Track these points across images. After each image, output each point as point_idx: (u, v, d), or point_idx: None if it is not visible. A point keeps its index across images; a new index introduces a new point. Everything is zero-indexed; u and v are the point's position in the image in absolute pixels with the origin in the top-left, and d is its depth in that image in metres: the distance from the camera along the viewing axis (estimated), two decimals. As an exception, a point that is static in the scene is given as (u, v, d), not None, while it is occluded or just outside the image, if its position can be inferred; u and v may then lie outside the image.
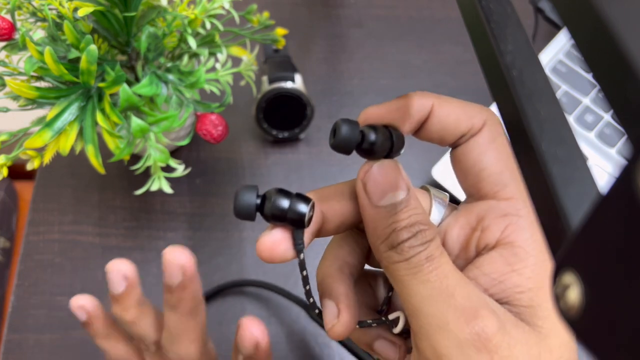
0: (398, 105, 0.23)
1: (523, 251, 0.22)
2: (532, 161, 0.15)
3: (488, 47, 0.17)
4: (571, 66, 0.51)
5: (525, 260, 0.22)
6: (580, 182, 0.14)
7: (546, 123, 0.15)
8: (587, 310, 0.12)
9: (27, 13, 0.38)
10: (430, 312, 0.20)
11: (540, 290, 0.22)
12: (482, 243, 0.23)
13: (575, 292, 0.12)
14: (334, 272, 0.24)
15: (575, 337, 0.12)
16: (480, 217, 0.23)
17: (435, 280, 0.21)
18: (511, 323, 0.21)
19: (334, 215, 0.23)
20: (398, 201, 0.22)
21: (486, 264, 0.22)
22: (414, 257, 0.21)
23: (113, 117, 0.36)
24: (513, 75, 0.16)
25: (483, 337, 0.20)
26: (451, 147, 0.25)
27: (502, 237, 0.22)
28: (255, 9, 0.43)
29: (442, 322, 0.20)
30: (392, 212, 0.22)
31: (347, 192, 0.24)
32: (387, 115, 0.23)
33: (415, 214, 0.22)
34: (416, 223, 0.22)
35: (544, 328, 0.21)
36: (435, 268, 0.21)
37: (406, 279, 0.21)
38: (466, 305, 0.20)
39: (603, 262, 0.11)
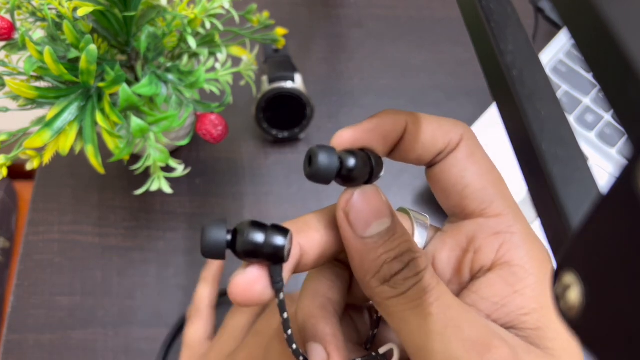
0: (371, 126, 0.21)
1: (522, 270, 0.21)
2: (533, 161, 0.15)
3: (488, 47, 0.17)
4: (571, 66, 0.51)
5: (526, 280, 0.21)
6: (581, 182, 0.14)
7: (546, 123, 0.15)
8: (587, 311, 0.12)
9: (27, 13, 0.38)
10: (438, 349, 0.18)
11: (545, 310, 0.20)
12: (476, 265, 0.22)
13: (576, 292, 0.12)
14: (317, 311, 0.22)
15: (576, 338, 0.12)
16: (470, 238, 0.22)
17: (438, 313, 0.19)
18: (523, 349, 0.19)
19: (313, 247, 0.21)
20: (384, 230, 0.20)
21: (484, 287, 0.21)
22: (410, 289, 0.19)
23: (113, 117, 0.36)
24: (513, 75, 0.16)
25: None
26: (427, 166, 0.24)
27: (498, 257, 0.21)
28: (255, 8, 0.43)
29: (453, 359, 0.18)
30: (380, 243, 0.20)
31: (326, 221, 0.22)
32: (362, 137, 0.21)
33: (404, 241, 0.20)
34: (406, 251, 0.20)
35: (555, 350, 0.20)
36: (435, 299, 0.19)
37: (405, 314, 0.19)
38: (476, 338, 0.18)
39: (603, 263, 0.11)
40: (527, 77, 0.16)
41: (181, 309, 0.45)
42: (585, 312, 0.12)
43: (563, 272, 0.13)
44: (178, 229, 0.48)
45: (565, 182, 0.14)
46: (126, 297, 0.45)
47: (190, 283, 0.46)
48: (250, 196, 0.50)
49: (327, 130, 0.54)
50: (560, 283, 0.13)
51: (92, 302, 0.45)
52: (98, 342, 0.44)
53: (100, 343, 0.44)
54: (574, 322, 0.12)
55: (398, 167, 0.52)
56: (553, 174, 0.14)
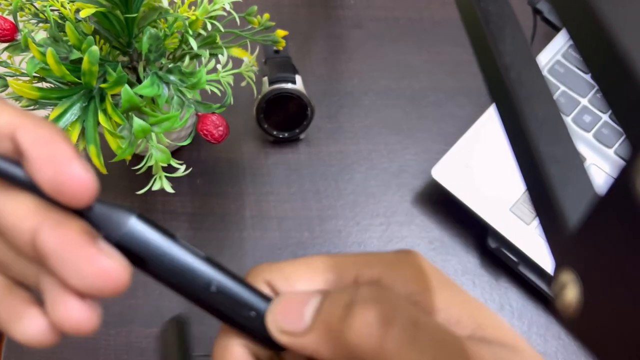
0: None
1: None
2: (530, 161, 0.15)
3: (486, 48, 0.17)
4: (569, 67, 0.52)
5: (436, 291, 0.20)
6: (577, 182, 0.14)
7: (544, 124, 0.15)
8: (584, 309, 0.12)
9: (29, 14, 0.38)
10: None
11: (476, 314, 0.20)
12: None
13: (573, 291, 0.12)
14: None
15: (572, 335, 0.13)
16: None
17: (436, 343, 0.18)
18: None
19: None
20: (318, 304, 0.20)
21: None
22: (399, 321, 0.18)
23: (115, 118, 0.36)
24: (511, 76, 0.16)
25: None
26: None
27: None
28: (256, 10, 0.44)
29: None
30: (334, 313, 0.19)
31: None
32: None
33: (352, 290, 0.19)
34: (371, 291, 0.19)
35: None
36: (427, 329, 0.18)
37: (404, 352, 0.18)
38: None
39: (601, 262, 0.11)
40: (525, 78, 0.16)
41: (182, 308, 0.46)
42: (581, 310, 0.12)
43: (561, 271, 0.13)
44: (179, 229, 0.49)
45: (562, 182, 0.14)
46: (128, 296, 0.45)
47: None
48: (250, 196, 0.50)
49: (327, 130, 0.54)
50: (557, 281, 0.13)
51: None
52: (100, 341, 0.44)
53: (102, 342, 0.44)
54: (571, 320, 0.13)
55: (397, 166, 0.52)
56: (550, 174, 0.14)
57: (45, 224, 0.17)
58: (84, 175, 0.17)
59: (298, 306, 0.20)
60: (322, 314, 0.19)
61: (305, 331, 0.19)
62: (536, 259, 0.45)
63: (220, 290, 0.20)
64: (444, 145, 0.52)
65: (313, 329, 0.19)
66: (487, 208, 0.46)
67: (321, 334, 0.19)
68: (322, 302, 0.20)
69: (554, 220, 0.14)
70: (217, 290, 0.20)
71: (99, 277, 0.17)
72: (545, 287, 0.45)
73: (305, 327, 0.19)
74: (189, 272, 0.19)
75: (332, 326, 0.19)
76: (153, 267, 0.19)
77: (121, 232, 0.18)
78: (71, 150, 0.18)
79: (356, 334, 0.18)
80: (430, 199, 0.51)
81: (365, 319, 0.18)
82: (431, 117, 0.55)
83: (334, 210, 0.50)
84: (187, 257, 0.19)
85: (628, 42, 0.10)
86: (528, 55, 0.17)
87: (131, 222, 0.19)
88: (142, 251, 0.19)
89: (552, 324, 0.47)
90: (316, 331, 0.19)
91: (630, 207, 0.10)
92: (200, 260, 0.20)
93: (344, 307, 0.19)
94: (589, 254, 0.12)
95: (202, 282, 0.19)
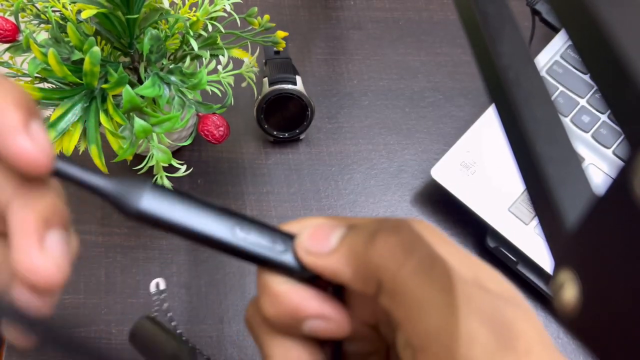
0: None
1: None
2: (529, 162, 0.15)
3: (485, 49, 0.17)
4: (568, 67, 0.52)
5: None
6: (576, 182, 0.14)
7: (542, 124, 0.15)
8: (583, 308, 0.12)
9: (31, 15, 0.38)
10: (465, 330, 0.18)
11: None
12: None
13: (572, 290, 0.12)
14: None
15: (571, 334, 0.13)
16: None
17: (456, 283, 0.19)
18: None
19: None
20: (345, 231, 0.21)
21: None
22: (418, 252, 0.19)
23: (116, 118, 0.36)
24: (510, 76, 0.16)
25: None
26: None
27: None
28: (256, 11, 0.44)
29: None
30: (359, 239, 0.20)
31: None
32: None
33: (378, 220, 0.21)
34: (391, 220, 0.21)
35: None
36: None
37: (420, 288, 0.19)
38: (498, 319, 0.18)
39: (599, 261, 0.11)
40: (523, 79, 0.16)
41: (183, 307, 0.46)
42: (580, 309, 0.12)
43: (560, 270, 0.13)
44: (179, 229, 0.49)
45: (560, 182, 0.14)
46: (129, 295, 0.46)
47: (192, 281, 0.47)
48: (250, 196, 0.51)
49: (327, 130, 0.54)
50: (556, 281, 0.13)
51: (96, 301, 0.45)
52: (102, 340, 0.44)
53: (104, 341, 0.44)
54: (570, 319, 0.13)
55: (397, 166, 0.53)
56: (549, 174, 0.14)
57: (13, 202, 0.19)
58: (29, 147, 0.18)
59: (326, 232, 0.21)
60: (348, 238, 0.20)
61: (330, 252, 0.20)
62: (535, 258, 0.45)
63: (245, 232, 0.21)
64: (443, 145, 0.52)
65: (338, 251, 0.20)
66: (486, 208, 0.46)
67: (345, 255, 0.20)
68: (348, 231, 0.21)
69: (553, 220, 0.14)
70: (241, 232, 0.20)
71: (30, 272, 0.18)
72: (544, 286, 0.46)
73: (331, 248, 0.20)
74: (211, 225, 0.20)
75: (357, 248, 0.20)
76: (176, 230, 0.20)
77: (137, 208, 0.19)
78: (17, 121, 0.18)
79: (379, 255, 0.19)
80: (430, 199, 0.51)
81: (389, 244, 0.19)
82: (430, 118, 0.55)
83: (334, 210, 0.51)
84: (207, 212, 0.20)
85: (626, 43, 0.10)
86: (526, 56, 0.17)
87: (145, 196, 0.20)
88: (162, 219, 0.20)
89: (551, 323, 0.47)
90: (341, 252, 0.20)
91: (629, 207, 0.10)
92: (219, 211, 0.21)
93: (370, 234, 0.20)
94: (587, 253, 0.12)
95: (226, 229, 0.20)
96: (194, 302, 0.46)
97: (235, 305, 0.46)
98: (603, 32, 0.11)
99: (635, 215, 0.10)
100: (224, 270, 0.47)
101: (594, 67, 0.11)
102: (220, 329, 0.45)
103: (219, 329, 0.45)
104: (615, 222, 0.11)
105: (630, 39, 0.10)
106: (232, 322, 0.45)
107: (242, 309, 0.46)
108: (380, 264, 0.19)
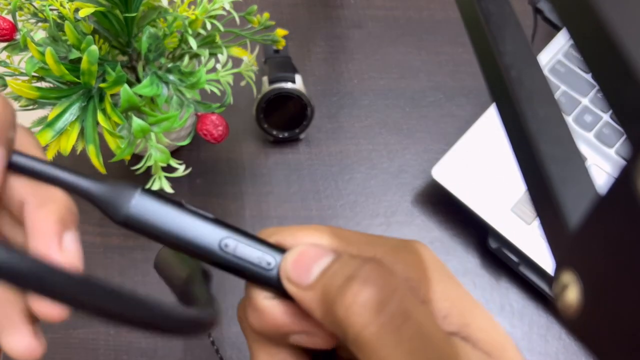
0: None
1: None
2: (531, 161, 0.15)
3: (487, 47, 0.17)
4: (570, 66, 0.52)
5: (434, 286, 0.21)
6: (578, 182, 0.14)
7: (544, 123, 0.15)
8: (585, 309, 0.12)
9: (28, 14, 0.38)
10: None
11: (462, 307, 0.21)
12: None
13: (574, 291, 0.12)
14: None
15: (573, 335, 0.13)
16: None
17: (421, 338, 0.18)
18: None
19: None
20: (328, 264, 0.20)
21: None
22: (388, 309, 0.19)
23: (114, 118, 0.36)
24: (512, 75, 0.16)
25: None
26: None
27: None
28: (256, 9, 0.44)
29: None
30: (334, 281, 0.19)
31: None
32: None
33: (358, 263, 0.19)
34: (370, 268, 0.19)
35: (484, 342, 0.21)
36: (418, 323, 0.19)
37: (384, 341, 0.18)
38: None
39: (602, 262, 0.11)
40: (526, 78, 0.16)
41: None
42: (583, 310, 0.12)
43: (562, 271, 0.13)
44: (178, 229, 0.49)
45: (562, 182, 0.14)
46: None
47: (190, 283, 0.46)
48: (250, 196, 0.50)
49: (327, 130, 0.54)
50: (558, 282, 0.13)
51: (93, 302, 0.45)
52: (100, 341, 0.44)
53: (102, 342, 0.44)
54: (572, 320, 0.12)
55: (398, 166, 0.52)
56: (551, 174, 0.14)
57: (29, 202, 0.19)
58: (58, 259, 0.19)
59: (309, 261, 0.20)
60: (325, 277, 0.20)
61: (307, 287, 0.20)
62: (537, 259, 0.44)
63: (234, 245, 0.20)
64: (444, 145, 0.52)
65: (313, 289, 0.20)
66: (488, 208, 0.46)
67: (318, 296, 0.19)
68: (331, 265, 0.20)
69: (555, 220, 0.14)
70: (233, 245, 0.20)
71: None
72: (546, 287, 0.45)
73: (309, 283, 0.20)
74: (200, 236, 0.20)
75: (329, 293, 0.19)
76: (164, 239, 0.20)
77: (126, 213, 0.19)
78: (53, 233, 0.19)
79: (345, 310, 0.18)
80: (431, 199, 0.51)
81: (359, 299, 0.18)
82: (431, 117, 0.55)
83: (334, 210, 0.50)
84: (196, 222, 0.20)
85: (629, 42, 0.10)
86: (529, 55, 0.17)
87: (134, 200, 0.19)
88: (150, 226, 0.19)
89: (553, 325, 0.46)
90: (315, 292, 0.20)
91: (631, 207, 0.10)
92: (210, 223, 0.20)
93: (346, 279, 0.19)
94: (589, 254, 0.12)
95: (214, 241, 0.20)
96: (193, 303, 0.46)
97: (234, 307, 0.46)
98: (605, 30, 0.10)
99: (638, 215, 0.10)
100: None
101: (595, 66, 0.11)
102: (218, 331, 0.45)
103: (217, 330, 0.45)
104: (617, 222, 0.11)
105: (633, 37, 0.10)
106: (231, 323, 0.45)
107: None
108: (345, 320, 0.18)
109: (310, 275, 0.20)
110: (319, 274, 0.20)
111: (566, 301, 0.13)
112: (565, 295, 0.13)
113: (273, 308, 0.21)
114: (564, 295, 0.13)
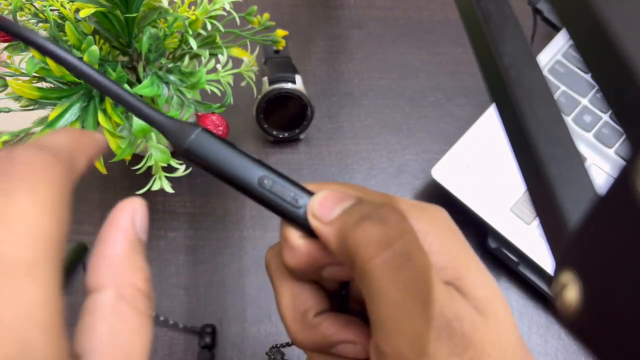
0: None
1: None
2: (530, 161, 0.15)
3: (486, 48, 0.17)
4: (569, 67, 0.52)
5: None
6: (577, 182, 0.14)
7: (544, 123, 0.15)
8: (584, 309, 0.12)
9: (29, 14, 0.38)
10: (403, 329, 0.21)
11: (458, 260, 0.23)
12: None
13: (573, 291, 0.12)
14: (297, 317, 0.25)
15: (573, 335, 0.13)
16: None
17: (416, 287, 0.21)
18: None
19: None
20: (349, 205, 0.22)
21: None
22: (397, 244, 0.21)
23: (115, 118, 0.36)
24: (511, 76, 0.16)
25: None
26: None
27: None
28: (256, 10, 0.44)
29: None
30: (351, 218, 0.22)
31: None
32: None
33: (375, 206, 0.22)
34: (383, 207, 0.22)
35: (480, 299, 0.22)
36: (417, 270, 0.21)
37: (385, 281, 0.21)
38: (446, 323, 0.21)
39: (601, 262, 0.11)
40: (525, 78, 0.16)
41: (182, 307, 0.46)
42: (582, 310, 0.12)
43: (561, 271, 0.13)
44: (179, 229, 0.49)
45: (562, 182, 0.14)
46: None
47: (191, 282, 0.46)
48: (250, 196, 0.50)
49: (327, 130, 0.54)
50: (558, 282, 0.13)
51: (94, 302, 0.45)
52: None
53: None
54: (572, 320, 0.13)
55: (397, 166, 0.52)
56: (550, 174, 0.14)
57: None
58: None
59: (334, 201, 0.23)
60: (344, 215, 0.22)
61: (328, 222, 0.22)
62: (536, 259, 0.44)
63: (273, 183, 0.23)
64: (444, 145, 0.52)
65: (333, 223, 0.22)
66: (487, 208, 0.46)
67: (336, 229, 0.22)
68: (351, 206, 0.23)
69: (554, 220, 0.14)
70: (270, 183, 0.23)
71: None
72: (546, 287, 0.45)
73: (330, 219, 0.22)
74: (244, 171, 0.23)
75: (345, 227, 0.21)
76: (215, 169, 0.23)
77: (188, 142, 0.23)
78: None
79: (355, 242, 0.21)
80: (430, 199, 0.51)
81: (368, 233, 0.21)
82: (431, 117, 0.55)
83: (334, 210, 0.50)
84: (241, 159, 0.23)
85: (628, 42, 0.10)
86: (528, 55, 0.17)
87: (195, 135, 0.23)
88: (205, 156, 0.23)
89: (553, 324, 0.46)
90: (334, 225, 0.22)
91: (631, 207, 0.10)
92: (253, 162, 0.23)
93: (360, 217, 0.21)
94: (589, 254, 0.12)
95: (255, 178, 0.23)
96: (192, 303, 0.46)
97: (234, 306, 0.46)
98: (604, 30, 0.10)
99: (637, 215, 0.10)
100: (223, 271, 0.47)
101: (595, 67, 0.11)
102: (219, 330, 0.45)
103: (218, 330, 0.45)
104: (617, 223, 0.11)
105: (632, 37, 0.10)
106: (231, 323, 0.45)
107: (241, 310, 0.46)
108: (355, 250, 0.21)
109: (332, 213, 0.22)
110: (340, 212, 0.22)
111: (565, 301, 0.13)
112: (564, 294, 0.13)
113: (306, 244, 0.23)
114: (563, 294, 0.13)
